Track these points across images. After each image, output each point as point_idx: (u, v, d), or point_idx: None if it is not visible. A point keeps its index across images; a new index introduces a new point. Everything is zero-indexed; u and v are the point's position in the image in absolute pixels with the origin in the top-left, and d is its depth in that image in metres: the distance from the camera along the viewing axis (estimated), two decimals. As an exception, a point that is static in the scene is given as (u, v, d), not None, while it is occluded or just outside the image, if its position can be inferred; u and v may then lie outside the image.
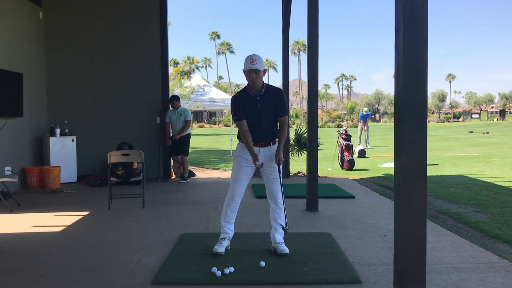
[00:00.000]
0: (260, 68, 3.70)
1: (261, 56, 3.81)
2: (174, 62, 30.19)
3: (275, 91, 3.86)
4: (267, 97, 3.81)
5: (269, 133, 3.88)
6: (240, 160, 3.89)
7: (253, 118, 3.81)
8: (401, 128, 2.51)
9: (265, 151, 3.86)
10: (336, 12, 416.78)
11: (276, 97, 3.83)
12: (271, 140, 3.88)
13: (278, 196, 3.86)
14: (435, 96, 77.72)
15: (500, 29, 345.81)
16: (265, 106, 3.79)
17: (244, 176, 3.89)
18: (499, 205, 6.24)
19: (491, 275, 3.34)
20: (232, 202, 3.88)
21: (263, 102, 3.79)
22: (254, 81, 3.72)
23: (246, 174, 3.89)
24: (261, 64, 3.72)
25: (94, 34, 8.48)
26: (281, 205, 3.87)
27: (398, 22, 2.52)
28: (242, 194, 3.92)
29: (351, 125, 38.16)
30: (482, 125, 45.34)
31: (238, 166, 3.89)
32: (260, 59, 3.75)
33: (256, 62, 3.69)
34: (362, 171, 10.34)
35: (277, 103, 3.83)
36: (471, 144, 19.02)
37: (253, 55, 3.75)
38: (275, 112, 3.85)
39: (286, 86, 8.69)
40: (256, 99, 3.80)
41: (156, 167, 8.49)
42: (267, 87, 3.84)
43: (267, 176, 3.88)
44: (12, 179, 6.25)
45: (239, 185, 3.87)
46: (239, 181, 3.87)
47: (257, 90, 3.79)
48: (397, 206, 2.59)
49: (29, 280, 3.31)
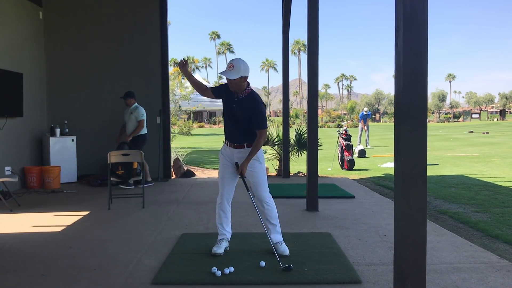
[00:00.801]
0: (231, 77, 3.55)
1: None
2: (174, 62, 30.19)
3: (252, 103, 3.68)
4: (245, 104, 3.69)
5: (243, 135, 3.76)
6: (221, 159, 3.89)
7: (227, 114, 3.77)
8: (401, 128, 2.51)
9: (239, 152, 3.78)
10: (336, 12, 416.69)
11: (252, 109, 3.67)
12: (245, 142, 3.76)
13: (265, 198, 3.80)
14: (435, 96, 77.74)
15: (500, 29, 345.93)
16: (240, 110, 3.70)
17: (227, 174, 3.84)
18: (499, 205, 6.24)
19: (491, 275, 3.34)
20: (222, 203, 3.86)
21: (239, 106, 3.71)
22: (231, 85, 3.66)
23: (228, 171, 3.84)
24: (235, 73, 3.55)
25: (94, 34, 8.48)
26: (271, 205, 3.82)
27: (398, 22, 2.52)
28: (231, 193, 3.89)
29: (351, 125, 38.15)
30: (482, 125, 45.33)
31: (221, 165, 3.89)
32: (239, 65, 3.57)
33: (232, 68, 3.55)
34: (362, 171, 10.34)
35: (252, 115, 3.67)
36: (471, 144, 19.02)
37: (233, 60, 3.62)
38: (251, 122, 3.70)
39: (286, 86, 8.69)
40: (234, 99, 3.73)
41: (156, 167, 8.48)
42: (249, 94, 3.71)
43: (248, 181, 3.82)
44: (12, 179, 6.25)
45: (225, 184, 3.84)
46: (224, 179, 3.85)
47: (237, 92, 3.71)
48: (397, 206, 2.59)
49: (29, 280, 3.31)
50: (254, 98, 3.72)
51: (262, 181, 3.81)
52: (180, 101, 14.15)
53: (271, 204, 3.84)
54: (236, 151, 3.79)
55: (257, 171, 3.79)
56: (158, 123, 8.58)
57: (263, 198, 3.81)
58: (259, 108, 3.69)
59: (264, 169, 3.88)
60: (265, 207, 3.81)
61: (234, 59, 3.65)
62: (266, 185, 3.85)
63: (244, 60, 3.65)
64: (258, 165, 3.79)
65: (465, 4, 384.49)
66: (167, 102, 8.65)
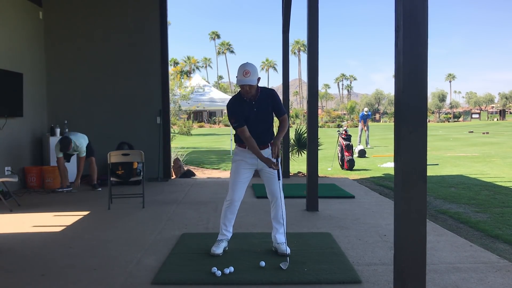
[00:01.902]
0: (253, 82, 3.59)
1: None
2: (174, 62, 30.18)
3: (268, 93, 3.80)
4: (262, 100, 3.75)
5: (266, 135, 3.84)
6: (239, 163, 3.84)
7: (250, 123, 3.75)
8: (401, 128, 2.51)
9: (264, 153, 3.81)
10: (336, 12, 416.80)
11: (270, 98, 3.78)
12: (268, 142, 3.85)
13: (278, 195, 3.83)
14: (435, 96, 77.75)
15: (500, 29, 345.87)
16: (261, 109, 3.75)
17: (244, 179, 3.86)
18: (499, 205, 6.24)
19: (491, 275, 3.34)
20: (232, 205, 3.85)
21: (259, 106, 3.74)
22: (248, 92, 3.66)
23: (246, 176, 3.87)
24: (254, 77, 3.59)
25: (94, 34, 8.48)
26: (282, 204, 3.85)
27: (398, 22, 2.52)
28: (241, 197, 3.89)
29: (351, 125, 38.16)
30: (482, 125, 45.33)
31: (238, 168, 3.84)
32: (254, 69, 3.61)
33: (250, 75, 3.56)
34: (362, 171, 10.34)
35: (273, 104, 3.79)
36: (471, 144, 19.02)
37: (246, 66, 3.62)
38: (273, 113, 3.84)
39: (286, 86, 8.69)
40: (251, 104, 3.74)
41: (156, 167, 8.49)
42: (261, 90, 3.78)
43: (267, 176, 3.85)
44: (12, 179, 6.25)
45: (239, 188, 3.83)
46: (239, 183, 3.83)
47: (252, 96, 3.73)
48: (397, 206, 2.59)
49: (29, 280, 3.31)
50: (266, 90, 3.83)
51: (279, 178, 3.82)
52: (179, 101, 14.15)
53: (283, 204, 3.87)
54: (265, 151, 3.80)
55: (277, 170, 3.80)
56: (158, 123, 8.58)
57: (279, 198, 3.82)
58: (277, 97, 3.84)
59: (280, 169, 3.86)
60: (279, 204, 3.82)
61: (246, 65, 3.63)
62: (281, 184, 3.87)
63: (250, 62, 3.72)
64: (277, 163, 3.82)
65: (465, 4, 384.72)
66: (167, 102, 8.65)
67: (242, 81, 3.58)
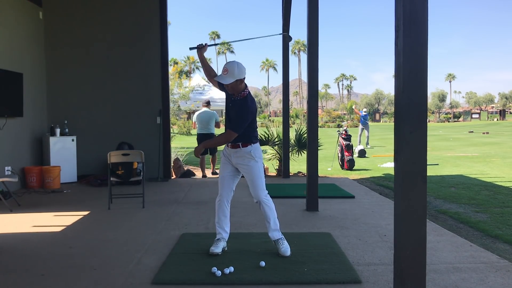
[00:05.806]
0: (225, 82, 3.60)
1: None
2: (174, 62, 30.21)
3: (241, 107, 3.67)
4: (237, 106, 3.71)
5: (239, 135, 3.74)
6: (222, 159, 3.92)
7: (226, 112, 3.86)
8: (401, 128, 2.51)
9: (236, 153, 3.78)
10: (336, 12, 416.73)
11: (239, 105, 3.69)
12: (240, 142, 3.75)
13: (261, 197, 3.77)
14: (435, 96, 77.80)
15: (500, 29, 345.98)
16: (233, 110, 3.73)
17: (226, 174, 3.85)
18: (499, 205, 6.24)
19: (491, 275, 3.34)
20: (220, 202, 3.87)
21: (233, 106, 3.74)
22: (228, 88, 3.71)
23: (228, 171, 3.86)
24: (230, 77, 3.57)
25: (94, 34, 8.48)
26: (268, 203, 3.79)
27: (398, 22, 2.52)
28: (230, 193, 3.89)
29: (351, 125, 38.14)
30: (482, 125, 45.33)
31: (221, 164, 3.92)
32: (233, 69, 3.58)
33: (227, 73, 3.58)
34: (362, 171, 10.34)
35: (236, 111, 3.68)
36: (471, 144, 19.02)
37: (227, 64, 3.62)
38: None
39: (286, 86, 8.69)
40: (231, 99, 3.78)
41: (156, 167, 8.49)
42: (243, 98, 3.70)
43: (246, 178, 3.84)
44: (12, 179, 6.25)
45: (224, 184, 3.85)
46: (223, 178, 3.86)
47: (235, 93, 3.73)
48: (397, 206, 2.59)
49: (29, 280, 3.31)
50: (245, 103, 3.69)
51: (257, 179, 3.76)
52: (179, 100, 14.15)
53: (268, 203, 3.80)
54: (233, 151, 3.80)
55: (252, 169, 3.76)
56: (158, 123, 8.58)
57: (259, 197, 3.78)
58: (243, 113, 3.66)
59: (261, 168, 3.82)
60: (262, 205, 3.80)
61: (229, 63, 3.64)
62: (263, 183, 3.80)
63: (239, 63, 3.66)
64: (254, 163, 3.76)
65: (465, 4, 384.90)
66: (167, 102, 8.65)
67: (218, 77, 3.73)
